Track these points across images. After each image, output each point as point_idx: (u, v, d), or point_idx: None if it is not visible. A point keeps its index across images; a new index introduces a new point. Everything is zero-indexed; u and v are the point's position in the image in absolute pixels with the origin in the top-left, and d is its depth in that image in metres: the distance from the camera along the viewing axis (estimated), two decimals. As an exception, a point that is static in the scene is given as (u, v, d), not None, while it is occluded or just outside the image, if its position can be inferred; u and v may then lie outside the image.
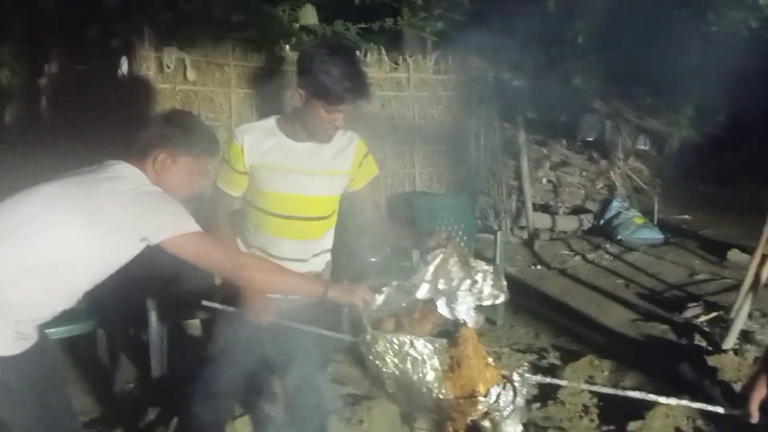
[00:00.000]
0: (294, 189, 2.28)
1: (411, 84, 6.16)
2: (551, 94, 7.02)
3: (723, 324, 4.38)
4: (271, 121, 2.30)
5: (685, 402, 1.81)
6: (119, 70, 4.68)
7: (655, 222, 7.44)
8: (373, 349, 1.89)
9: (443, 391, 1.79)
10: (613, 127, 7.82)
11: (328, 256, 2.49)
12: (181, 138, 2.00)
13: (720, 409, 1.76)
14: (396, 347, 1.84)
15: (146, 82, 4.71)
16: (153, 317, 3.60)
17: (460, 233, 5.21)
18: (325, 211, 2.38)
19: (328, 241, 2.45)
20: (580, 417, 3.38)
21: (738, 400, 1.69)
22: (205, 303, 2.35)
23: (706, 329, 4.45)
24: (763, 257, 4.13)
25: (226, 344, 2.37)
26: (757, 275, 4.14)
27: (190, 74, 4.93)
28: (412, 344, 1.83)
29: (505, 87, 7.04)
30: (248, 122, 2.50)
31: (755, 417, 1.62)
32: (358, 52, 5.15)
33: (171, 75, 4.86)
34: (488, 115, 6.80)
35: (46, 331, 2.05)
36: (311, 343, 2.37)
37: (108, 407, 3.42)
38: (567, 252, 6.77)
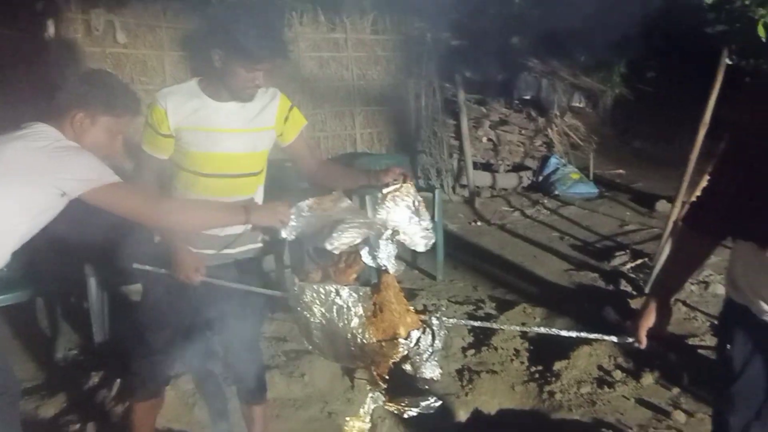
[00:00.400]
0: (220, 148, 2.30)
1: (349, 45, 6.16)
2: (488, 54, 7.11)
3: (647, 270, 4.65)
4: (192, 83, 2.30)
5: (583, 334, 1.93)
6: (45, 34, 4.54)
7: (591, 177, 7.72)
8: (300, 301, 1.96)
9: (366, 336, 1.86)
10: (549, 85, 8.00)
11: None
12: (99, 97, 1.98)
13: (614, 338, 1.89)
14: (323, 297, 1.91)
15: (74, 46, 4.59)
16: (92, 283, 3.60)
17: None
18: (254, 167, 2.41)
19: (259, 197, 2.50)
20: (512, 360, 3.58)
21: (630, 329, 1.83)
22: (136, 266, 2.36)
23: (632, 275, 4.72)
24: (683, 206, 4.37)
25: (162, 304, 2.41)
26: (677, 222, 4.38)
27: (120, 37, 4.83)
28: (338, 293, 1.89)
29: (443, 47, 7.09)
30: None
31: (644, 343, 1.77)
32: (286, 12, 5.12)
33: (100, 38, 4.75)
34: (427, 76, 6.87)
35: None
36: (246, 300, 2.44)
37: (50, 374, 3.43)
38: (506, 208, 6.98)
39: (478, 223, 6.46)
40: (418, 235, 1.95)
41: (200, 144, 2.29)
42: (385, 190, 1.98)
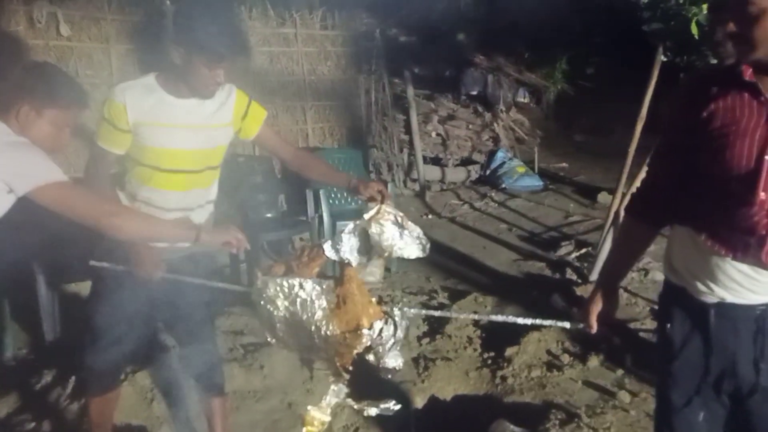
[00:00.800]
0: (179, 144, 2.31)
1: (299, 40, 6.16)
2: (436, 50, 7.24)
3: (591, 258, 4.85)
4: (150, 79, 2.29)
5: (538, 321, 2.02)
6: (-16, 25, 4.39)
7: (536, 170, 7.96)
8: (264, 294, 1.98)
9: (330, 327, 1.89)
10: (495, 81, 8.20)
11: (212, 207, 2.54)
12: (44, 90, 1.94)
13: (566, 324, 2.00)
14: (286, 290, 1.94)
15: (16, 39, 4.44)
16: (41, 281, 3.53)
17: (353, 186, 5.37)
18: (211, 162, 2.43)
19: (213, 192, 2.51)
20: (465, 348, 3.70)
21: (580, 315, 1.94)
22: (93, 263, 2.33)
23: (577, 264, 4.92)
24: (623, 197, 4.57)
25: (114, 298, 2.38)
26: (618, 213, 4.58)
27: (64, 29, 4.71)
28: (301, 286, 1.93)
29: (392, 43, 7.19)
30: (130, 79, 2.47)
31: (594, 328, 1.88)
32: (236, 7, 5.10)
33: (43, 30, 4.63)
34: (377, 71, 6.93)
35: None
36: (201, 295, 2.45)
37: (0, 373, 3.35)
38: (456, 201, 7.12)
39: (430, 216, 6.59)
40: (414, 245, 1.98)
41: (159, 139, 2.29)
42: (366, 216, 2.03)
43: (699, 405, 1.76)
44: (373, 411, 1.88)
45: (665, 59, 4.37)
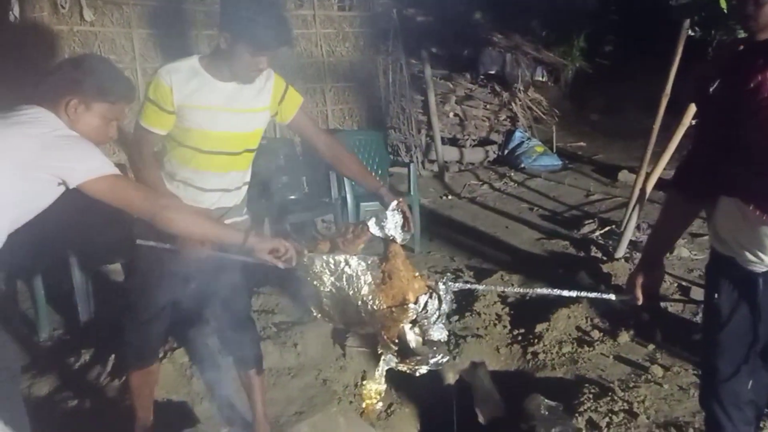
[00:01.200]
0: (220, 126, 2.35)
1: (317, 21, 6.14)
2: (454, 30, 7.19)
3: (615, 236, 4.85)
4: (194, 61, 2.32)
5: (583, 293, 2.06)
6: (10, 13, 4.41)
7: (554, 150, 7.92)
8: (310, 271, 2.02)
9: (377, 302, 1.94)
10: (513, 60, 8.14)
11: (246, 189, 2.57)
12: (93, 83, 1.95)
13: (612, 296, 2.03)
14: (332, 266, 1.98)
15: (40, 24, 4.47)
16: (74, 263, 3.58)
17: (375, 167, 5.39)
18: (249, 145, 2.46)
19: (249, 174, 2.55)
20: (494, 325, 3.72)
21: (626, 288, 1.97)
22: (139, 242, 2.37)
23: (601, 242, 4.91)
24: (647, 175, 4.56)
25: (153, 275, 2.42)
26: (642, 191, 4.58)
27: (87, 14, 4.72)
28: (347, 262, 1.97)
29: (409, 23, 7.14)
30: (154, 63, 2.51)
31: (640, 299, 1.91)
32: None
33: (66, 15, 4.64)
34: (395, 52, 6.91)
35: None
36: (236, 271, 2.49)
37: (38, 354, 3.41)
38: (475, 182, 7.12)
39: (449, 197, 6.59)
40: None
41: (201, 122, 2.33)
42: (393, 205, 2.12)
43: (746, 373, 1.78)
44: (424, 369, 1.93)
45: (692, 34, 4.33)
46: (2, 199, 1.86)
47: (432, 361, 1.97)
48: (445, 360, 1.98)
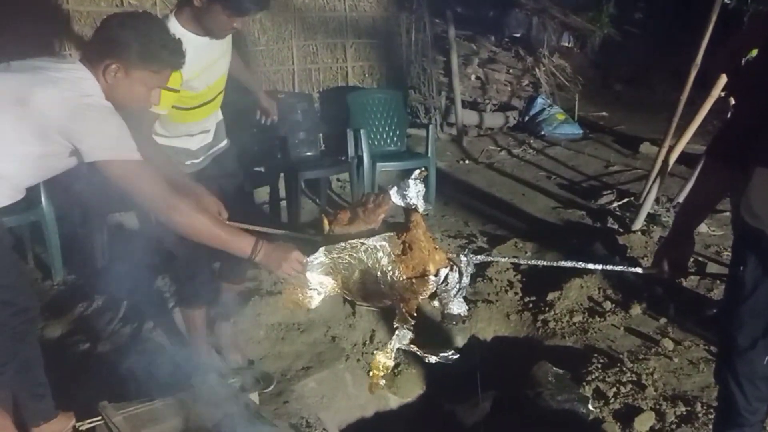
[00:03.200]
0: (211, 79, 2.40)
1: (341, -26, 6.00)
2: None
3: (633, 209, 4.78)
4: (174, 23, 2.25)
5: (609, 267, 2.02)
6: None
7: (576, 118, 7.77)
8: (330, 251, 1.96)
9: (396, 273, 1.88)
10: (539, 24, 7.93)
11: (220, 114, 2.68)
12: (137, 50, 1.82)
13: (639, 270, 1.99)
14: (350, 248, 1.92)
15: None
16: (91, 210, 3.59)
17: (393, 127, 5.32)
18: (221, 87, 2.55)
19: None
20: (506, 291, 3.71)
21: (654, 260, 1.93)
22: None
23: (618, 213, 4.85)
24: (670, 148, 4.46)
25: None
26: (664, 164, 4.49)
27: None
28: (363, 244, 1.91)
29: (435, -20, 6.96)
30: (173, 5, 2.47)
31: (667, 273, 1.86)
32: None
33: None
34: (418, 10, 6.75)
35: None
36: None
37: (51, 297, 3.45)
38: (493, 147, 7.02)
39: (467, 162, 6.51)
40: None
41: (205, 81, 2.36)
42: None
43: (764, 348, 1.76)
44: (433, 359, 1.90)
45: (727, 2, 4.17)
46: (25, 154, 1.83)
47: (441, 354, 1.93)
48: (455, 357, 1.94)
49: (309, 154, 5.07)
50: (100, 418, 2.24)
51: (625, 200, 5.07)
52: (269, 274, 3.51)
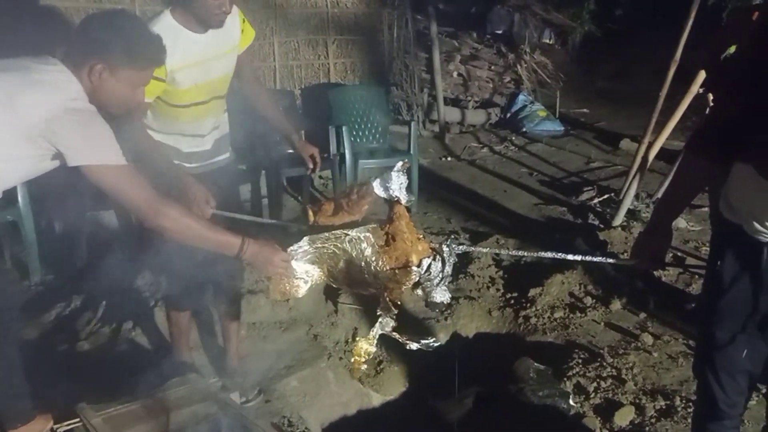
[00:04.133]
0: (206, 77, 2.35)
1: (322, -30, 5.98)
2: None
3: (613, 204, 4.82)
4: (168, 18, 2.24)
5: (588, 258, 2.02)
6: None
7: (557, 115, 7.82)
8: (313, 245, 1.97)
9: (380, 263, 1.91)
10: (521, 20, 7.96)
11: (221, 132, 2.58)
12: (120, 49, 1.79)
13: (616, 261, 2.00)
14: (334, 238, 1.94)
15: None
16: (70, 209, 3.54)
17: (375, 124, 5.31)
18: (225, 88, 2.48)
19: (223, 119, 2.58)
20: (488, 287, 3.72)
21: (631, 252, 1.94)
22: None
23: (599, 209, 4.88)
24: (650, 144, 4.50)
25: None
26: (644, 160, 4.52)
27: (85, -49, 4.57)
28: (347, 234, 1.93)
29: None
30: (154, 6, 2.43)
31: (644, 264, 1.88)
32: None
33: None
34: (400, 6, 6.74)
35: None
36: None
37: (30, 298, 3.39)
38: (476, 144, 7.05)
39: (449, 159, 6.53)
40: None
41: (190, 78, 2.31)
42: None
43: (743, 342, 1.77)
44: (414, 345, 1.91)
45: None
46: (7, 156, 1.79)
47: (423, 341, 1.94)
48: (436, 344, 1.95)
49: (290, 151, 5.03)
50: (78, 420, 2.21)
51: (606, 196, 5.11)
52: (250, 272, 3.51)
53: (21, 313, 3.09)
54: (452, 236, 4.25)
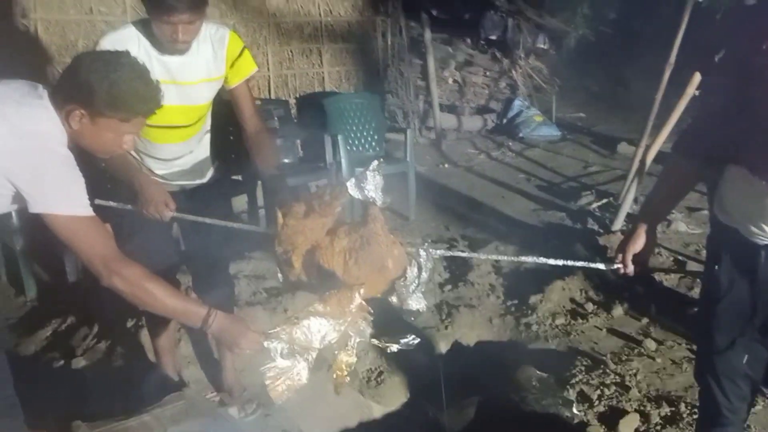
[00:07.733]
0: (176, 101, 2.21)
1: (315, -21, 5.97)
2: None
3: (612, 209, 4.80)
4: (132, 31, 2.13)
5: (570, 262, 1.97)
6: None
7: (554, 120, 7.82)
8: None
9: (354, 269, 1.79)
10: (515, 26, 7.96)
11: (203, 150, 2.48)
12: (104, 97, 1.65)
13: (601, 265, 1.96)
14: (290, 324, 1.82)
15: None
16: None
17: (371, 132, 5.28)
18: (204, 113, 2.37)
19: (207, 130, 2.46)
20: (488, 295, 3.68)
21: (615, 255, 1.90)
22: (98, 202, 2.15)
23: (598, 214, 4.86)
24: (647, 148, 4.48)
25: (137, 237, 2.31)
26: (642, 164, 4.50)
27: (77, -38, 4.55)
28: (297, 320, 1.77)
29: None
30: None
31: (629, 267, 1.83)
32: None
33: (55, -36, 4.46)
34: (394, 13, 6.74)
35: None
36: (214, 232, 2.35)
37: (25, 313, 3.36)
38: (472, 150, 7.03)
39: (446, 165, 6.50)
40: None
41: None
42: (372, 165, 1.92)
43: (743, 347, 1.75)
44: (395, 347, 1.83)
45: (700, 1, 4.20)
46: None
47: (402, 341, 1.87)
48: (416, 342, 1.87)
49: (287, 161, 5.00)
50: (73, 438, 2.17)
51: (604, 201, 5.09)
52: (247, 285, 3.48)
53: (16, 329, 3.11)
54: (429, 241, 4.20)
